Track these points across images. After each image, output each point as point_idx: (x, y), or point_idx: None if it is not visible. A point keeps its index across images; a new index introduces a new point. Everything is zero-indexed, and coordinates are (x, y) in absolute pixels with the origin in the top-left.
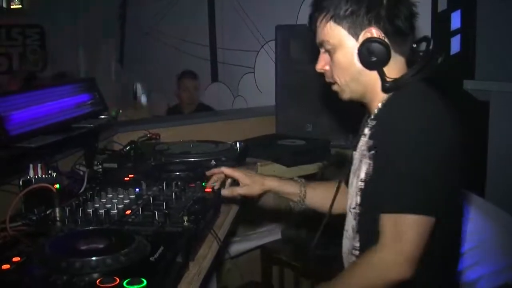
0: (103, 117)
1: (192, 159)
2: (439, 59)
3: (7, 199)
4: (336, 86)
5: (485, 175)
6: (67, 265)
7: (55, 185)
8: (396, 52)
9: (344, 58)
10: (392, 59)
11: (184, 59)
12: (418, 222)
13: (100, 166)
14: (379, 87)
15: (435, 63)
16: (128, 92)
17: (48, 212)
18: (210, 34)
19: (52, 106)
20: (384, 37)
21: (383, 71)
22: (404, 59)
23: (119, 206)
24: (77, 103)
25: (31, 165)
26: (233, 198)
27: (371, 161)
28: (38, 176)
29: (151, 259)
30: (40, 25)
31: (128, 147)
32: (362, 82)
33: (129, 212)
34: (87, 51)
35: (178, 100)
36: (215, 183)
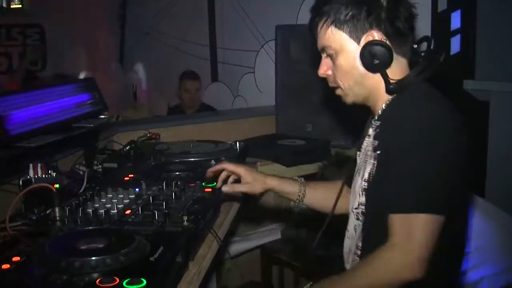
0: (103, 116)
1: (192, 159)
2: (441, 58)
3: (7, 198)
4: (339, 90)
5: (485, 175)
6: (67, 265)
7: (55, 185)
8: (397, 53)
9: (346, 62)
10: (394, 61)
11: (184, 59)
12: (428, 221)
13: (100, 166)
14: (382, 89)
15: (437, 62)
16: (128, 92)
17: (48, 212)
18: (210, 34)
19: (52, 105)
20: (385, 39)
21: (386, 73)
22: (405, 60)
23: (119, 206)
24: (77, 102)
25: (31, 165)
26: (233, 194)
27: (375, 161)
28: (38, 176)
29: (151, 259)
30: (40, 25)
31: (128, 147)
32: (365, 85)
33: (129, 212)
34: (87, 51)
35: (179, 100)
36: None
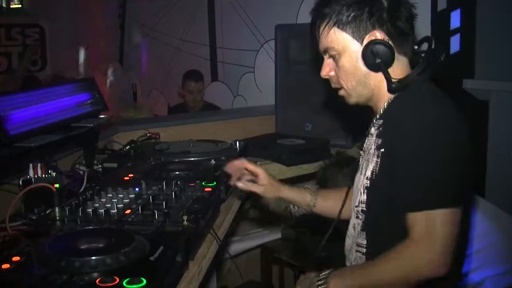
0: (102, 116)
1: (191, 159)
2: (442, 56)
3: (7, 198)
4: (342, 91)
5: (484, 175)
6: (66, 265)
7: (55, 185)
8: (399, 53)
9: (349, 62)
10: (395, 61)
11: (184, 58)
12: (449, 215)
13: (100, 165)
14: (384, 88)
15: (438, 61)
16: (127, 92)
17: (48, 211)
18: (209, 33)
19: (51, 105)
20: (388, 39)
21: (388, 72)
22: (407, 59)
23: (119, 205)
24: (76, 102)
25: (31, 165)
26: (244, 192)
27: (378, 159)
28: (38, 175)
29: (151, 258)
30: (39, 25)
31: (128, 147)
32: (368, 85)
33: (128, 211)
34: (87, 51)
35: (181, 99)
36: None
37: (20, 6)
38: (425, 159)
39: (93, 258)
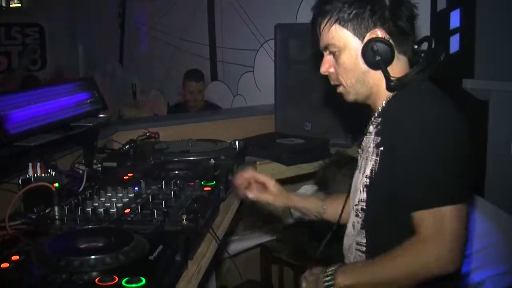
0: (102, 116)
1: (191, 158)
2: (441, 56)
3: (6, 198)
4: (341, 88)
5: (484, 175)
6: (66, 264)
7: (54, 184)
8: (399, 52)
9: (349, 59)
10: (395, 59)
11: (183, 58)
12: (457, 211)
13: (99, 165)
14: (383, 86)
15: (438, 61)
16: (127, 91)
17: (47, 210)
18: (209, 33)
19: (51, 104)
20: (389, 38)
21: (387, 70)
22: (406, 59)
23: (118, 204)
24: (76, 101)
25: (31, 164)
26: (255, 201)
27: (377, 158)
28: (37, 174)
29: (150, 257)
30: (39, 24)
31: (127, 146)
32: (367, 83)
33: (128, 211)
34: (87, 51)
35: (182, 98)
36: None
37: (19, 5)
38: (428, 158)
39: (93, 257)
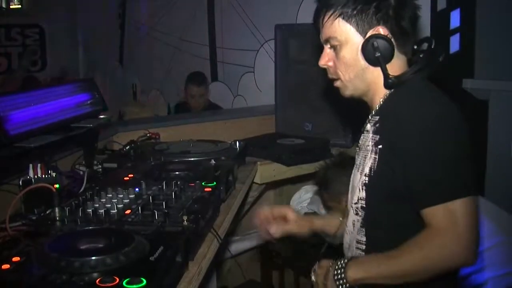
0: (102, 116)
1: (191, 159)
2: (441, 57)
3: (7, 199)
4: (339, 82)
5: (484, 174)
6: (66, 265)
7: (55, 185)
8: (399, 51)
9: (349, 54)
10: (395, 58)
11: (183, 58)
12: (467, 204)
13: (100, 166)
14: (381, 84)
15: (437, 61)
16: (127, 91)
17: (47, 212)
18: (209, 33)
19: (51, 106)
20: (390, 37)
21: (386, 67)
22: (406, 59)
23: (119, 205)
24: (76, 102)
25: (31, 165)
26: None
27: (376, 156)
28: (37, 176)
29: (151, 258)
30: (39, 25)
31: (127, 147)
32: (365, 79)
33: (128, 211)
34: (87, 51)
35: (184, 97)
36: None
37: (19, 6)
38: (431, 156)
39: (93, 258)
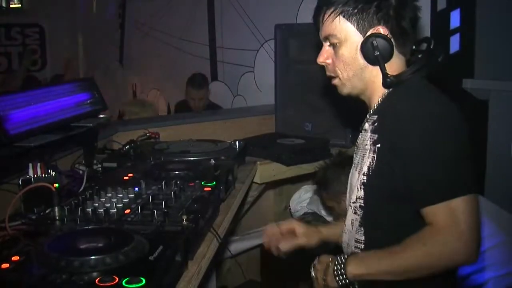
0: (102, 116)
1: (191, 158)
2: (440, 57)
3: (6, 198)
4: (337, 80)
5: (484, 174)
6: (66, 264)
7: (55, 184)
8: (398, 51)
9: (348, 53)
10: (393, 58)
11: (183, 58)
12: (468, 201)
13: (99, 165)
14: (379, 83)
15: (436, 61)
16: (127, 91)
17: (47, 211)
18: (209, 33)
19: (51, 105)
20: (390, 37)
21: (384, 66)
22: (404, 59)
23: (118, 205)
24: (76, 102)
25: (31, 164)
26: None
27: (374, 155)
28: (37, 175)
29: (150, 258)
30: (39, 25)
31: (127, 146)
32: (363, 78)
33: (128, 211)
34: (87, 51)
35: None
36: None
37: (20, 5)
38: (431, 155)
39: (93, 257)
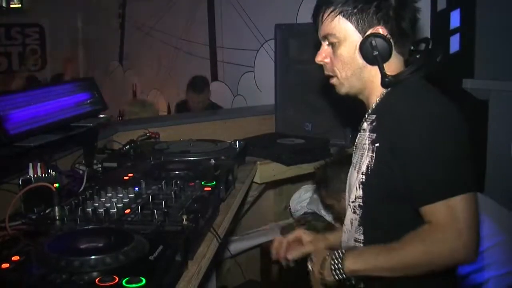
0: (102, 116)
1: (191, 158)
2: (439, 57)
3: (6, 198)
4: (335, 79)
5: (484, 174)
6: (66, 264)
7: (55, 184)
8: (397, 52)
9: (347, 52)
10: (392, 58)
11: (183, 58)
12: (467, 200)
13: (99, 165)
14: (377, 83)
15: (435, 61)
16: (127, 91)
17: (47, 211)
18: (209, 33)
19: (51, 105)
20: (389, 37)
21: (383, 66)
22: (403, 59)
23: (119, 205)
24: (76, 102)
25: (31, 164)
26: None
27: (373, 154)
28: (37, 175)
29: (150, 258)
30: (39, 24)
31: (127, 146)
32: (362, 77)
33: (128, 211)
34: (87, 51)
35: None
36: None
37: (20, 5)
38: (430, 154)
39: (93, 257)
